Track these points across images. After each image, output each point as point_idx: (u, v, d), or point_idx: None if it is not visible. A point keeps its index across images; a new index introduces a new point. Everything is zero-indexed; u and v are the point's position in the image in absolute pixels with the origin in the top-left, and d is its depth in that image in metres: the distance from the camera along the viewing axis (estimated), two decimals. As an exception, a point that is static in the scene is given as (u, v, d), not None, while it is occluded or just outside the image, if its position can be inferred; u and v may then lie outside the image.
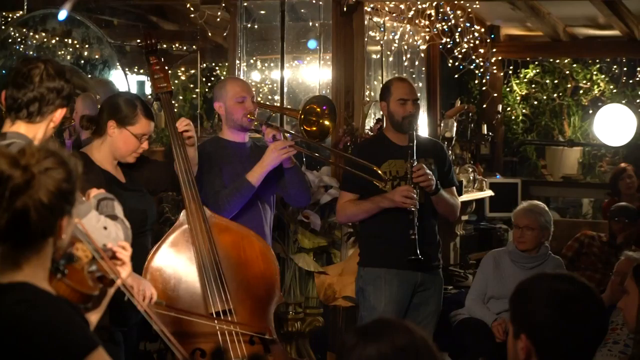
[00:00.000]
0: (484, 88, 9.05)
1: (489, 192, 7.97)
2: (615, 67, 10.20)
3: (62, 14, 5.88)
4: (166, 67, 4.23)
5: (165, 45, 8.84)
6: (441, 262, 4.89)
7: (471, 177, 7.66)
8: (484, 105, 9.15)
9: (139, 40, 4.28)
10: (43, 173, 2.06)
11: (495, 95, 9.19)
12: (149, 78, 5.59)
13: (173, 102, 10.03)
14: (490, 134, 8.87)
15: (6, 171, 2.03)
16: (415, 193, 4.42)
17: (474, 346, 5.18)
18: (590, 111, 10.08)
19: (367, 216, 4.64)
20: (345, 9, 6.29)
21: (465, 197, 7.16)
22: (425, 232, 4.61)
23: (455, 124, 7.75)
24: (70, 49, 6.28)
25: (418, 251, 4.37)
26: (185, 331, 3.61)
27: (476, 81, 9.47)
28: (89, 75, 6.20)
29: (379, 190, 4.54)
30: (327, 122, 4.44)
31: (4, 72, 5.37)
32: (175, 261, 3.90)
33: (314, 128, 4.43)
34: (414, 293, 4.68)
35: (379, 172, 4.34)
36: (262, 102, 5.71)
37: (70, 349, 2.06)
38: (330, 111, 4.46)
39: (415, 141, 4.53)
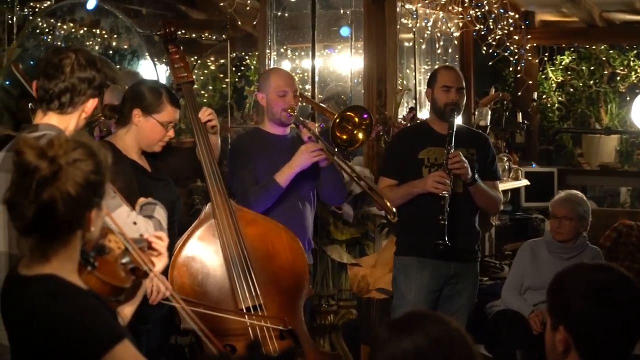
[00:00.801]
0: (518, 75, 8.97)
1: (524, 182, 7.91)
2: (653, 52, 10.08)
3: (91, 3, 5.86)
4: (186, 56, 4.14)
5: (194, 35, 8.81)
6: (479, 256, 4.79)
7: (506, 166, 7.62)
8: (519, 93, 9.09)
9: (158, 31, 4.18)
10: (71, 165, 2.07)
11: (530, 82, 9.11)
12: (168, 68, 5.52)
13: (202, 92, 10.08)
14: (526, 122, 8.81)
15: (33, 162, 2.05)
16: (449, 179, 4.36)
17: (511, 338, 5.09)
18: (628, 98, 10.00)
19: (402, 202, 4.56)
20: (377, -4, 6.23)
21: (500, 187, 7.06)
22: (463, 222, 4.54)
23: (489, 113, 7.70)
24: (99, 39, 6.26)
25: (446, 237, 4.27)
26: (213, 327, 3.52)
27: (511, 68, 9.41)
28: (118, 66, 6.17)
29: (419, 175, 4.50)
30: (360, 135, 4.36)
31: (31, 62, 5.35)
32: (203, 256, 3.82)
33: (345, 136, 4.35)
34: (446, 284, 4.60)
35: (388, 204, 4.21)
36: (304, 94, 5.61)
37: (94, 340, 2.09)
38: (368, 125, 4.37)
39: (454, 129, 4.47)
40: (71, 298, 2.13)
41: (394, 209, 4.16)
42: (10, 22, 5.34)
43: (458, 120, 4.65)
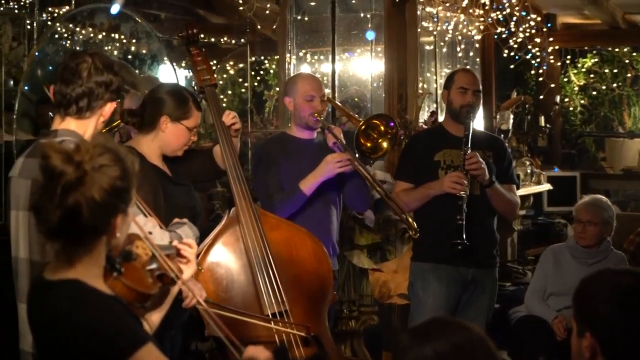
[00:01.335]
0: (540, 79, 8.92)
1: (546, 186, 7.89)
2: (677, 55, 10.01)
3: (115, 8, 5.85)
4: (208, 59, 4.10)
5: (213, 39, 8.79)
6: (498, 261, 4.72)
7: (528, 171, 7.59)
8: (541, 97, 9.06)
9: (180, 33, 4.13)
10: (97, 170, 2.08)
11: (553, 85, 9.07)
12: (190, 71, 5.49)
13: (221, 96, 10.06)
14: (548, 125, 8.79)
15: (59, 167, 2.05)
16: (466, 179, 4.31)
17: (534, 344, 5.07)
18: (652, 101, 9.90)
19: (420, 205, 4.51)
20: (397, -1, 6.21)
21: (522, 191, 7.13)
22: (480, 225, 4.47)
23: (511, 116, 7.69)
24: (117, 44, 6.25)
25: (464, 236, 4.21)
26: (238, 333, 3.47)
27: (532, 72, 9.37)
28: (137, 71, 6.15)
29: (435, 178, 4.46)
30: (385, 144, 4.34)
31: (50, 68, 5.35)
32: (227, 261, 3.76)
33: (369, 144, 4.33)
34: (464, 290, 4.54)
35: (410, 220, 4.17)
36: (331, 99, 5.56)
37: (116, 345, 2.09)
38: (394, 134, 4.35)
39: (470, 130, 4.43)
40: (93, 303, 2.12)
41: (415, 225, 4.13)
42: (29, 27, 5.33)
43: (479, 124, 4.59)
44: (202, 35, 4.28)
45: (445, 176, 4.41)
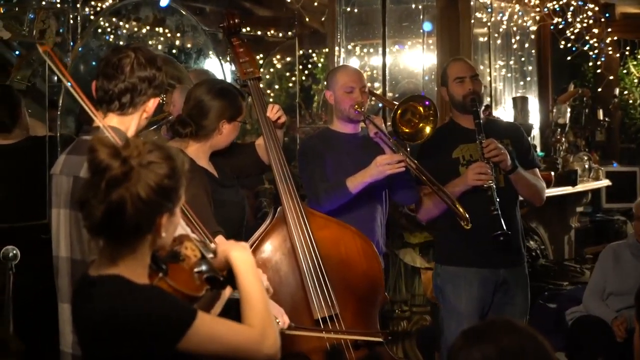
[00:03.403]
0: (598, 71, 8.86)
1: (605, 182, 7.82)
2: None
3: (164, 1, 5.84)
4: (252, 50, 3.99)
5: (259, 32, 8.72)
6: (525, 256, 4.56)
7: (586, 166, 7.53)
8: (599, 89, 9.00)
9: (221, 24, 4.03)
10: (144, 167, 2.07)
11: (611, 78, 8.99)
12: (233, 63, 5.40)
13: (268, 91, 10.01)
14: (606, 119, 8.73)
15: (104, 161, 2.05)
16: (490, 168, 4.16)
17: (592, 346, 5.01)
18: None
19: (446, 207, 4.31)
20: (450, -11, 6.12)
21: (580, 187, 7.10)
22: (506, 219, 4.25)
23: (568, 110, 7.64)
24: (162, 38, 6.22)
25: (504, 226, 4.04)
26: (288, 337, 3.39)
27: (590, 63, 9.29)
28: (183, 64, 6.10)
29: (457, 176, 4.29)
30: (427, 128, 4.22)
31: (94, 63, 5.33)
32: (274, 263, 3.69)
33: (408, 130, 4.23)
34: (496, 291, 4.38)
35: (460, 208, 4.02)
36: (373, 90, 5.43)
37: (171, 326, 2.10)
38: (435, 117, 4.23)
39: (481, 118, 4.29)
40: (136, 294, 2.11)
41: (467, 215, 3.98)
42: (72, 22, 5.32)
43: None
44: (247, 28, 4.18)
45: (467, 170, 4.25)
